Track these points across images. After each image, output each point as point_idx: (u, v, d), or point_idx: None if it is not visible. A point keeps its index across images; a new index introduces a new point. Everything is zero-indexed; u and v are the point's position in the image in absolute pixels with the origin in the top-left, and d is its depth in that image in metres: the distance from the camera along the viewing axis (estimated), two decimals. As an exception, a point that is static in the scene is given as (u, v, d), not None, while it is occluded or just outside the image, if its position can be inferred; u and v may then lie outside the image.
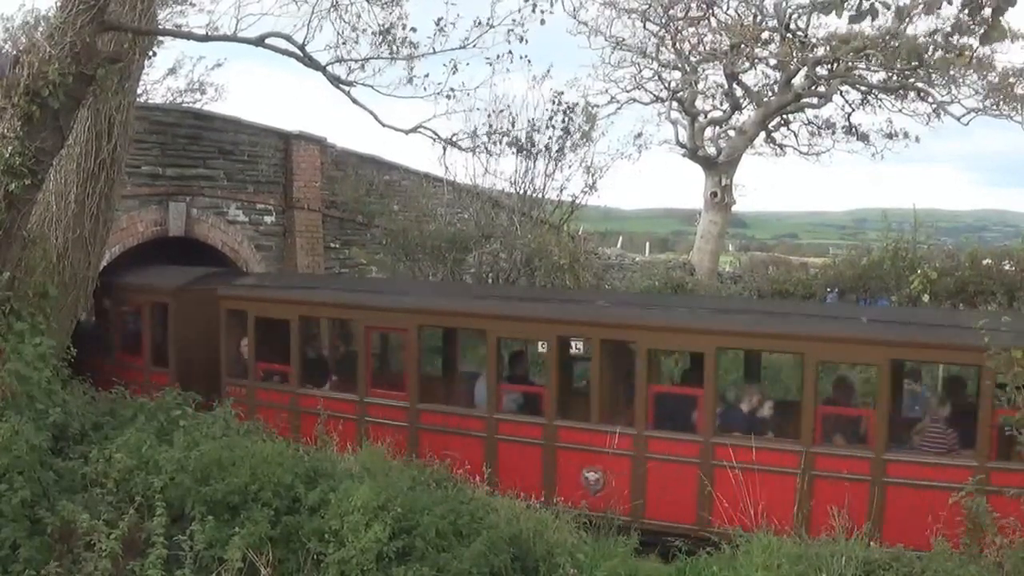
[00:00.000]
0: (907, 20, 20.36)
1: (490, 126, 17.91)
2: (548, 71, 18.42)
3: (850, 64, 22.29)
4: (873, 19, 5.73)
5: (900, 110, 24.44)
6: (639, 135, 21.78)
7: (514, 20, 12.29)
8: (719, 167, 24.51)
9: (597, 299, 13.39)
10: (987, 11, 5.52)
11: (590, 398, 11.65)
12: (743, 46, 22.96)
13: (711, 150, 25.09)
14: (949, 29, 19.23)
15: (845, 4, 5.76)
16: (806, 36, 22.85)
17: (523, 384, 12.83)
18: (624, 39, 24.54)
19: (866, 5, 5.59)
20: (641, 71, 25.17)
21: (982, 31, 5.53)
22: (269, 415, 12.50)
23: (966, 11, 5.70)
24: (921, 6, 17.88)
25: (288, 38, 11.38)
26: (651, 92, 25.34)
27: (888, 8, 5.74)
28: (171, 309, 14.88)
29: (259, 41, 11.17)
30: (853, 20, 5.87)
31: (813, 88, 23.55)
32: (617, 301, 13.61)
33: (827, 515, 9.41)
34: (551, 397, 11.76)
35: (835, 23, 22.84)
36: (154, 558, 7.87)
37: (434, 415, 12.41)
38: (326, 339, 14.74)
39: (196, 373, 13.69)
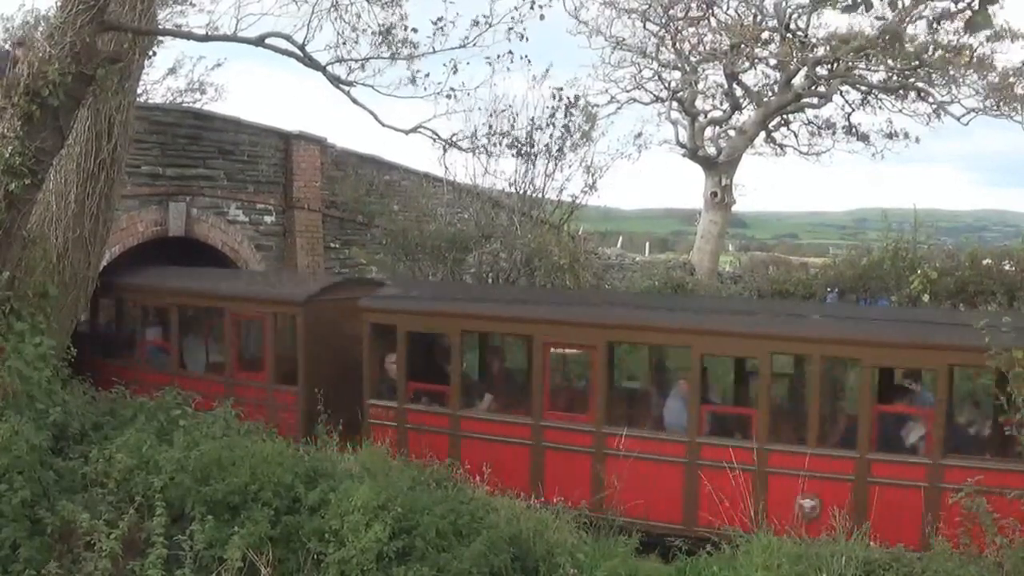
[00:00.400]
0: (901, 13, 20.33)
1: (490, 126, 17.92)
2: (548, 71, 18.39)
3: (850, 64, 22.30)
4: (867, 10, 5.73)
5: (900, 110, 24.46)
6: (639, 135, 21.74)
7: (513, 18, 12.30)
8: (719, 167, 24.51)
9: (811, 312, 12.08)
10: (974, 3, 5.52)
11: (806, 419, 10.60)
12: (743, 46, 22.97)
13: (711, 150, 25.09)
14: (936, 15, 19.28)
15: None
16: (806, 36, 22.86)
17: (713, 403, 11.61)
18: (624, 39, 24.57)
19: None
20: (641, 71, 25.20)
21: (967, 17, 5.51)
22: (423, 440, 11.79)
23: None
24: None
25: (288, 38, 11.38)
26: (651, 92, 25.37)
27: (886, 4, 5.74)
28: (300, 321, 13.35)
29: (259, 41, 11.17)
30: (846, 10, 5.87)
31: (813, 88, 23.55)
32: (833, 314, 12.37)
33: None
34: (762, 419, 10.61)
35: (835, 23, 22.83)
36: (154, 558, 7.88)
37: (619, 439, 11.05)
38: (480, 355, 13.82)
39: (327, 392, 12.47)
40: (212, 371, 14.47)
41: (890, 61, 21.52)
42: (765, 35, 23.27)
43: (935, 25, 20.43)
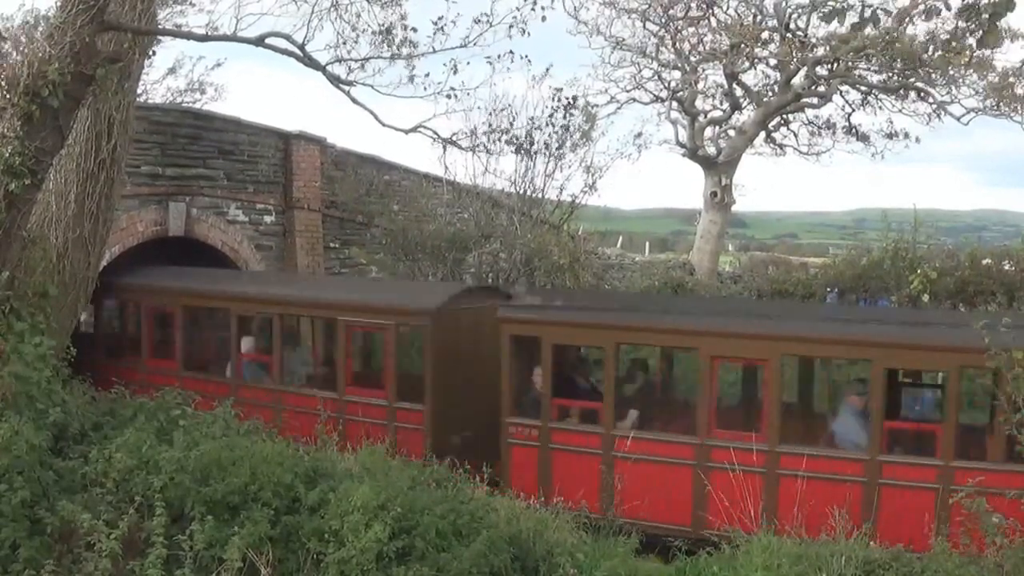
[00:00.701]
0: (907, 21, 20.37)
1: (490, 125, 17.93)
2: (548, 70, 18.39)
3: (850, 64, 22.28)
4: (875, 26, 5.77)
5: (900, 110, 24.47)
6: (639, 135, 21.87)
7: (515, 17, 12.30)
8: (719, 167, 24.50)
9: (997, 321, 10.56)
10: (984, 16, 5.55)
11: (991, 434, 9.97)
12: (743, 46, 22.95)
13: (711, 150, 25.09)
14: (946, 36, 19.31)
15: (847, 12, 5.78)
16: (806, 36, 22.85)
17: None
18: (624, 39, 24.56)
19: (867, 12, 5.61)
20: (641, 71, 25.19)
21: (979, 36, 5.56)
22: (570, 460, 11.12)
23: (963, 17, 5.73)
24: (921, 7, 17.89)
25: (288, 38, 11.38)
26: (651, 92, 25.37)
27: (889, 15, 5.79)
28: (429, 332, 12.30)
29: (259, 41, 11.17)
30: (855, 28, 5.90)
31: (813, 88, 23.54)
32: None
33: None
34: (948, 435, 9.97)
35: (835, 23, 22.70)
36: (154, 558, 7.88)
37: (796, 458, 10.22)
38: (621, 368, 12.74)
39: (458, 410, 11.85)
40: (322, 387, 13.25)
41: (897, 62, 21.50)
42: (765, 35, 23.26)
43: (948, 44, 20.39)
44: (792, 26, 23.06)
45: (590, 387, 12.34)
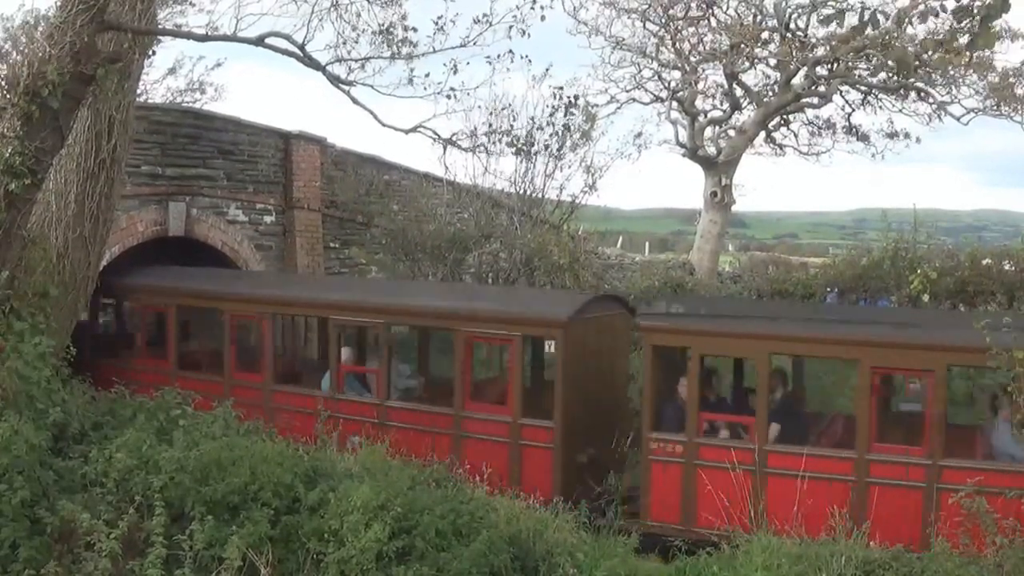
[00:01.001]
0: (906, 23, 20.36)
1: (490, 125, 17.92)
2: (548, 71, 18.38)
3: (850, 64, 22.27)
4: (874, 27, 5.78)
5: (900, 110, 24.46)
6: (639, 135, 21.80)
7: (515, 17, 12.30)
8: (719, 167, 24.49)
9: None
10: (976, 17, 5.55)
11: None
12: (743, 46, 22.93)
13: (711, 150, 25.07)
14: (942, 37, 19.32)
15: (847, 13, 5.79)
16: (806, 36, 22.83)
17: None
18: (624, 39, 24.52)
19: (866, 15, 5.62)
20: (641, 71, 25.16)
21: (969, 39, 5.57)
22: (718, 477, 10.58)
23: (957, 18, 5.74)
24: (920, 7, 17.88)
25: (288, 38, 11.38)
26: (651, 92, 25.33)
27: (887, 17, 5.79)
28: (561, 345, 11.65)
29: (259, 41, 11.17)
30: (855, 30, 5.91)
31: (813, 88, 23.52)
32: None
33: None
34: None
35: (834, 24, 22.71)
36: (154, 558, 7.89)
37: (959, 472, 9.75)
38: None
39: (583, 426, 11.36)
40: (436, 402, 12.57)
41: (890, 62, 21.50)
42: (765, 35, 23.23)
43: (941, 46, 20.39)
44: (792, 26, 23.04)
45: (724, 399, 11.97)
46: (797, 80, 23.43)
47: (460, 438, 11.64)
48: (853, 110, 25.15)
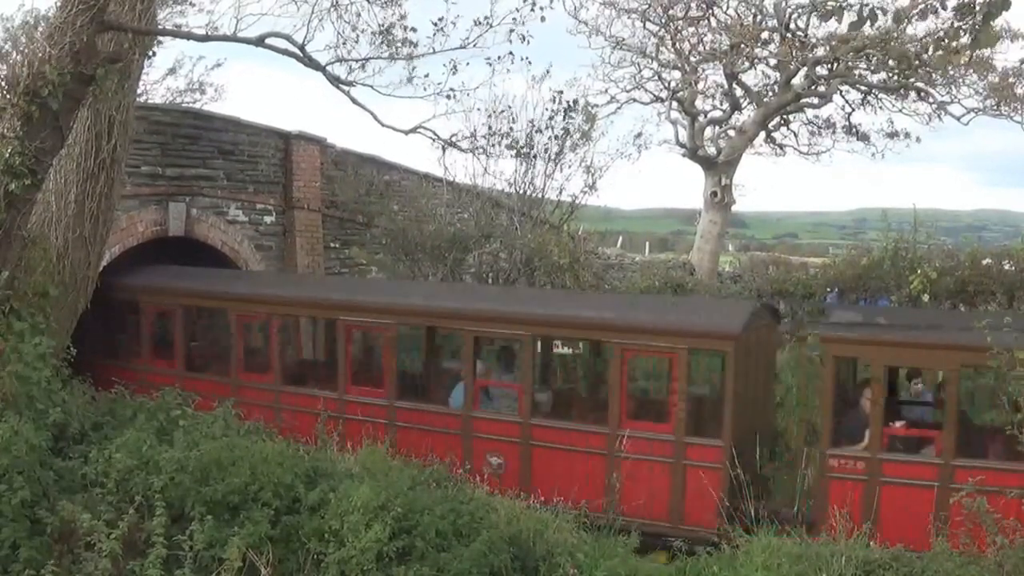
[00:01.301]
0: (905, 22, 20.36)
1: (489, 127, 17.93)
2: (548, 71, 18.39)
3: (850, 64, 22.27)
4: (872, 24, 5.75)
5: (900, 110, 24.47)
6: (639, 135, 21.86)
7: (515, 19, 12.31)
8: (719, 167, 24.49)
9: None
10: (978, 16, 5.54)
11: None
12: (743, 46, 22.94)
13: (711, 150, 25.08)
14: (942, 34, 19.32)
15: (845, 10, 5.78)
16: (806, 36, 22.83)
17: None
18: (624, 39, 24.53)
19: (865, 11, 5.61)
20: (641, 71, 25.17)
21: (971, 37, 5.56)
22: (900, 496, 9.98)
23: (958, 16, 5.73)
24: (920, 6, 17.86)
25: (288, 38, 11.40)
26: (651, 92, 25.34)
27: (885, 13, 5.79)
28: (731, 359, 10.97)
29: (259, 41, 11.18)
30: (853, 27, 5.90)
31: (813, 88, 23.53)
32: None
33: None
34: None
35: (835, 23, 22.68)
36: (154, 558, 7.89)
37: None
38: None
39: (746, 443, 10.86)
40: (587, 419, 12.04)
41: (891, 61, 21.51)
42: (765, 35, 23.23)
43: (941, 43, 20.39)
44: (792, 26, 23.04)
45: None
46: (797, 80, 23.44)
47: (614, 459, 11.01)
48: (853, 110, 25.18)
